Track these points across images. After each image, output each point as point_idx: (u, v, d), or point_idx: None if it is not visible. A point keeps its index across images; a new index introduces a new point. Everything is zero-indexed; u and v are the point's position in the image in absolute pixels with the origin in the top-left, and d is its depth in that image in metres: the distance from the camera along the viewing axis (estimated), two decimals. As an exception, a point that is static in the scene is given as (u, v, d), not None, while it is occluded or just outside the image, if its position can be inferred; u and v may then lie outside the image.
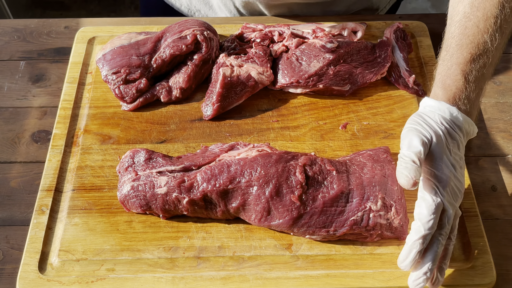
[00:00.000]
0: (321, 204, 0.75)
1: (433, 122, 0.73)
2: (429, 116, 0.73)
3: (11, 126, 0.93)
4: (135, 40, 0.95)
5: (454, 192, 0.70)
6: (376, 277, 0.74)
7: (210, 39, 0.94)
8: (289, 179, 0.76)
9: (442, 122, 0.73)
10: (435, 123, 0.73)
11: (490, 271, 0.74)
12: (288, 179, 0.76)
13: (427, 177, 0.70)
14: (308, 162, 0.77)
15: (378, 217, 0.74)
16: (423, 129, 0.72)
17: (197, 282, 0.74)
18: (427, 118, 0.73)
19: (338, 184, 0.75)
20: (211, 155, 0.80)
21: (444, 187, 0.69)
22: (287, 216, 0.75)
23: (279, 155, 0.77)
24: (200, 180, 0.76)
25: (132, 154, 0.81)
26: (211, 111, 0.90)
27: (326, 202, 0.75)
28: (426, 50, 1.01)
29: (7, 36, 1.06)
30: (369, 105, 0.93)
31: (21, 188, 0.85)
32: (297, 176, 0.75)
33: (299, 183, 0.75)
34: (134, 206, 0.78)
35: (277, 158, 0.77)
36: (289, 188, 0.75)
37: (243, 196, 0.76)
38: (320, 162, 0.77)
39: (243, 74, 0.92)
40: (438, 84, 0.77)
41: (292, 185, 0.75)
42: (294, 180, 0.75)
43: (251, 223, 0.78)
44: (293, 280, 0.74)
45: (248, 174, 0.76)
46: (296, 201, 0.75)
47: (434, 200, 0.68)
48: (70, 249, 0.76)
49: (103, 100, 0.94)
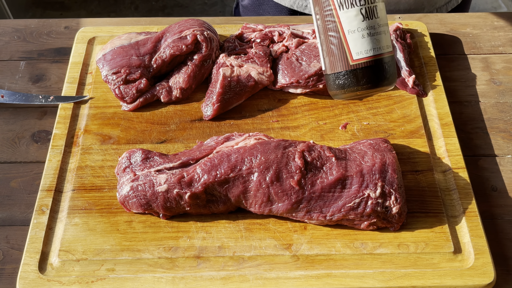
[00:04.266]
0: (319, 189, 0.76)
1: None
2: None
3: (11, 126, 0.93)
4: (135, 40, 0.95)
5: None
6: (376, 277, 0.74)
7: (210, 39, 0.94)
8: (288, 165, 0.76)
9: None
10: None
11: (490, 271, 0.74)
12: (287, 165, 0.76)
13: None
14: (307, 149, 0.78)
15: (375, 205, 0.75)
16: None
17: (197, 282, 0.74)
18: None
19: (337, 171, 0.76)
20: (207, 148, 0.81)
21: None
22: (286, 200, 0.76)
23: (277, 142, 0.79)
24: (201, 172, 0.77)
25: (128, 155, 0.81)
26: (211, 111, 0.90)
27: (324, 187, 0.76)
28: (426, 50, 1.01)
29: (7, 36, 1.06)
30: (369, 105, 0.93)
31: (21, 188, 0.85)
32: (296, 162, 0.76)
33: (298, 168, 0.76)
34: (134, 206, 0.78)
35: (275, 145, 0.78)
36: (289, 173, 0.76)
37: (244, 184, 0.76)
38: (319, 149, 0.78)
39: (243, 74, 0.92)
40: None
41: (292, 170, 0.76)
42: (293, 166, 0.76)
43: (252, 210, 0.78)
44: (293, 280, 0.74)
45: (248, 161, 0.77)
46: (296, 186, 0.75)
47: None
48: (70, 249, 0.76)
49: (103, 100, 0.94)
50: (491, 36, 1.07)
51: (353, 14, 0.69)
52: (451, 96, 0.97)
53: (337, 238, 0.78)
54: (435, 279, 0.74)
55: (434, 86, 0.95)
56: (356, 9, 0.70)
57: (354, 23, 0.70)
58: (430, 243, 0.77)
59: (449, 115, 0.91)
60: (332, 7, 0.70)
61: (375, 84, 0.71)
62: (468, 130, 0.93)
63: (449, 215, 0.80)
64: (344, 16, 0.70)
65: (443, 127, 0.90)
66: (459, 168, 0.84)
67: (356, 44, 0.70)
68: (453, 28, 1.08)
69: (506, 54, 1.04)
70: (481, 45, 1.05)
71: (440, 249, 0.76)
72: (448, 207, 0.81)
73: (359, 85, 0.71)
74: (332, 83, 0.73)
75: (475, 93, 0.98)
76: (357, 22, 0.70)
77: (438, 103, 0.93)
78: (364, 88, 0.71)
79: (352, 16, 0.69)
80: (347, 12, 0.70)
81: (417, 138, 0.88)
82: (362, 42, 0.70)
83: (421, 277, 0.74)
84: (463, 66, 1.02)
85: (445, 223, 0.79)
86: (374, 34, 0.70)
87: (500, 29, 1.08)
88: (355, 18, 0.69)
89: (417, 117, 0.91)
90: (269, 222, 0.79)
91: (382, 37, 0.70)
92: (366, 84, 0.71)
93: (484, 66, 1.02)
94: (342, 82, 0.71)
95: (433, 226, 0.78)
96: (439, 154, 0.87)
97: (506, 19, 1.10)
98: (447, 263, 0.75)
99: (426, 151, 0.87)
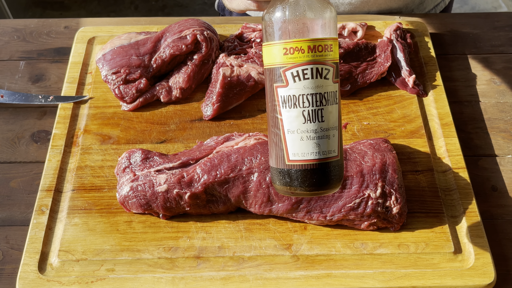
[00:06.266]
0: None
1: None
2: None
3: (11, 126, 0.93)
4: (135, 40, 0.95)
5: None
6: (376, 277, 0.74)
7: (210, 39, 0.94)
8: None
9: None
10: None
11: (490, 271, 0.74)
12: None
13: None
14: None
15: (376, 205, 0.75)
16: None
17: (197, 282, 0.74)
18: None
19: None
20: (207, 148, 0.80)
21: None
22: (286, 200, 0.76)
23: None
24: (200, 172, 0.77)
25: (128, 155, 0.81)
26: (211, 111, 0.90)
27: None
28: (426, 50, 1.01)
29: (7, 36, 1.06)
30: (369, 105, 0.93)
31: (21, 188, 0.85)
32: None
33: None
34: (134, 207, 0.78)
35: None
36: None
37: (244, 184, 0.76)
38: None
39: (243, 74, 0.92)
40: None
41: None
42: None
43: (252, 211, 0.78)
44: (293, 280, 0.74)
45: (248, 161, 0.77)
46: None
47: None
48: (70, 249, 0.76)
49: (103, 100, 0.94)
50: (491, 36, 1.07)
51: (294, 115, 0.63)
52: (451, 96, 0.96)
53: (337, 238, 0.77)
54: (435, 279, 0.73)
55: (434, 86, 0.95)
56: (297, 110, 0.63)
57: (294, 123, 0.63)
58: (431, 243, 0.77)
59: (450, 115, 0.91)
60: (277, 103, 0.64)
61: (308, 188, 0.64)
62: (469, 130, 0.93)
63: (450, 215, 0.80)
64: (286, 115, 0.64)
65: (443, 127, 0.89)
66: (460, 168, 0.84)
67: (294, 145, 0.64)
68: (453, 28, 1.08)
69: (506, 54, 1.04)
70: (481, 45, 1.05)
71: (440, 249, 0.76)
72: (449, 207, 0.81)
73: (291, 185, 0.65)
74: (271, 174, 0.68)
75: (475, 93, 0.98)
76: (297, 123, 0.63)
77: (438, 103, 0.93)
78: (297, 190, 0.65)
79: (292, 117, 0.63)
80: (289, 112, 0.63)
81: (417, 138, 0.88)
82: (300, 145, 0.63)
83: (421, 277, 0.74)
84: (463, 66, 1.02)
85: (445, 223, 0.79)
86: (315, 138, 0.63)
87: (500, 29, 1.08)
88: (296, 119, 0.63)
89: (417, 117, 0.91)
90: (269, 222, 0.79)
91: (324, 142, 0.64)
92: (299, 186, 0.65)
93: (484, 66, 1.02)
94: (277, 177, 0.66)
95: (433, 226, 0.78)
96: (440, 154, 0.87)
97: (506, 19, 1.10)
98: (447, 263, 0.75)
99: (427, 151, 0.87)
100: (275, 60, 0.63)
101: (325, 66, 0.63)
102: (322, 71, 0.63)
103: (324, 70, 0.63)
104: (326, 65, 0.63)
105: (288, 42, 0.62)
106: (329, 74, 0.63)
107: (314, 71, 0.63)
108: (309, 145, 0.64)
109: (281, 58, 0.63)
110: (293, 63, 0.62)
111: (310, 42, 0.62)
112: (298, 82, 0.63)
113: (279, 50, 0.63)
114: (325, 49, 0.63)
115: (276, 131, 0.65)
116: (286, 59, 0.63)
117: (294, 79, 0.63)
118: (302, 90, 0.63)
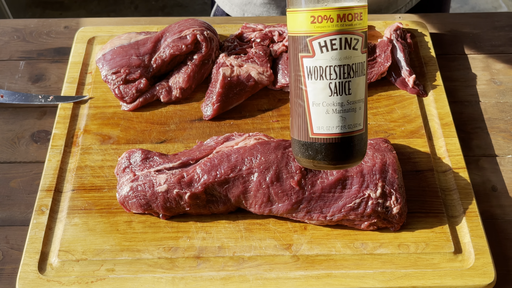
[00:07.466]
0: (319, 190, 0.76)
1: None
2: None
3: (11, 126, 0.93)
4: (135, 40, 0.95)
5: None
6: (376, 277, 0.74)
7: (210, 39, 0.94)
8: (288, 165, 0.76)
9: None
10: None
11: (490, 271, 0.74)
12: (287, 165, 0.76)
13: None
14: None
15: (376, 205, 0.75)
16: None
17: (197, 282, 0.74)
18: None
19: (338, 171, 0.76)
20: (207, 148, 0.80)
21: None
22: (287, 200, 0.76)
23: (277, 142, 0.79)
24: (200, 172, 0.77)
25: (128, 155, 0.81)
26: (211, 111, 0.90)
27: (324, 188, 0.76)
28: (426, 50, 1.01)
29: (7, 36, 1.06)
30: (369, 105, 0.93)
31: (20, 188, 0.85)
32: (296, 162, 0.76)
33: (298, 168, 0.76)
34: (134, 207, 0.78)
35: (275, 145, 0.78)
36: (289, 173, 0.76)
37: (244, 184, 0.76)
38: None
39: (243, 74, 0.92)
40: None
41: (292, 171, 0.76)
42: (293, 166, 0.76)
43: (252, 211, 0.78)
44: (293, 280, 0.74)
45: (248, 162, 0.77)
46: (296, 186, 0.76)
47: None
48: (70, 249, 0.76)
49: (103, 100, 0.94)
50: (491, 36, 1.07)
51: (320, 87, 0.60)
52: (451, 96, 0.96)
53: (337, 238, 0.77)
54: (435, 279, 0.73)
55: (435, 86, 0.95)
56: (324, 82, 0.60)
57: (320, 96, 0.60)
58: (431, 243, 0.77)
59: (450, 115, 0.91)
60: (301, 74, 0.61)
61: (331, 162, 0.62)
62: (469, 130, 0.93)
63: (450, 215, 0.80)
64: (311, 87, 0.61)
65: (443, 127, 0.89)
66: (460, 168, 0.84)
67: (319, 118, 0.61)
68: (453, 28, 1.08)
69: (506, 54, 1.04)
70: (481, 45, 1.05)
71: (441, 249, 0.76)
72: (449, 207, 0.81)
73: (315, 159, 0.63)
74: (293, 146, 0.66)
75: (476, 93, 0.98)
76: (323, 96, 0.60)
77: (438, 103, 0.93)
78: (320, 163, 0.63)
79: (318, 89, 0.60)
80: (315, 83, 0.60)
81: (418, 138, 0.88)
82: (325, 118, 0.61)
83: (422, 277, 0.74)
84: (463, 66, 1.02)
85: (445, 223, 0.79)
86: (341, 111, 0.61)
87: (500, 29, 1.08)
88: (322, 92, 0.60)
89: (418, 117, 0.91)
90: (269, 222, 0.79)
91: (350, 115, 0.61)
92: (322, 160, 0.63)
93: (484, 66, 1.02)
94: (300, 150, 0.64)
95: (434, 226, 0.78)
96: (440, 154, 0.87)
97: (506, 19, 1.10)
98: (447, 263, 0.75)
99: (427, 151, 0.87)
100: (301, 28, 0.60)
101: (354, 36, 0.60)
102: (351, 41, 0.60)
103: (353, 41, 0.60)
104: (356, 34, 0.60)
105: (316, 10, 0.59)
106: (358, 45, 0.60)
107: (343, 41, 0.59)
108: (334, 119, 0.61)
109: (307, 26, 0.59)
110: (321, 32, 0.59)
111: (340, 10, 0.58)
112: (326, 53, 0.60)
113: (305, 18, 0.59)
114: (354, 18, 0.59)
115: (299, 102, 0.62)
116: (314, 27, 0.59)
117: (321, 50, 0.59)
118: (329, 61, 0.60)
